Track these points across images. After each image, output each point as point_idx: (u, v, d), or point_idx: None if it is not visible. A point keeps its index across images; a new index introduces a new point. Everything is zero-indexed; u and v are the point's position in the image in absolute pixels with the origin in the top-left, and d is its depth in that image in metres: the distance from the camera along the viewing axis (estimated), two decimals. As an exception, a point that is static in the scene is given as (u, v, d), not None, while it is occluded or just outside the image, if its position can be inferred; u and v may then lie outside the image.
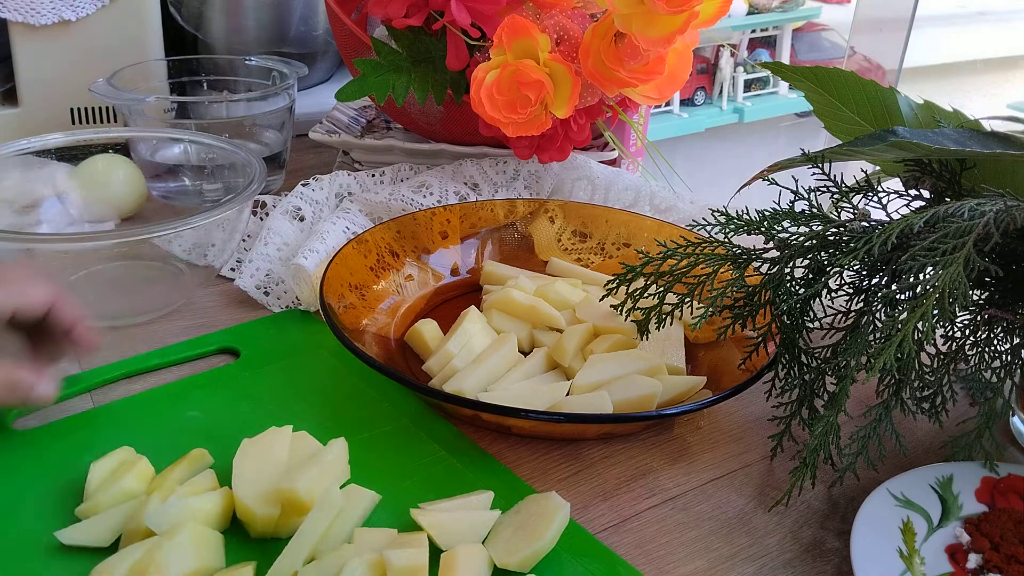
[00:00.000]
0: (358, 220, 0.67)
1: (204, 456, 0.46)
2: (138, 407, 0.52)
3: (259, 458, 0.44)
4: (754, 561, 0.44)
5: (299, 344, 0.59)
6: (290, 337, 0.59)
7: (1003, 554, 0.43)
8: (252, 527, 0.42)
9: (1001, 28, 2.43)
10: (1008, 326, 0.48)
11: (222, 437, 0.48)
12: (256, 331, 0.60)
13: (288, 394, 0.54)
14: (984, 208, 0.44)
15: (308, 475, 0.42)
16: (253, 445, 0.45)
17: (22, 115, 0.83)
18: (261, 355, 0.57)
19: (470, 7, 0.64)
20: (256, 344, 0.58)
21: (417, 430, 0.51)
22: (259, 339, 0.59)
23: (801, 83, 0.56)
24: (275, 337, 0.59)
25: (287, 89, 0.79)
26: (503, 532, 0.42)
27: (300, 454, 0.45)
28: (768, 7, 2.14)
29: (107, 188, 0.67)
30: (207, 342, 0.58)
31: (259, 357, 0.57)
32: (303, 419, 0.50)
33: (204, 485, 0.44)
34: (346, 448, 0.46)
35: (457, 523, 0.42)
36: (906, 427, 0.54)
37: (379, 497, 0.44)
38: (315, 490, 0.42)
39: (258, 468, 0.44)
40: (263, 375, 0.55)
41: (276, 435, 0.46)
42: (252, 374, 0.55)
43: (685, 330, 0.60)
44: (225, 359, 0.58)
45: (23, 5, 0.78)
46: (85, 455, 0.46)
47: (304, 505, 0.41)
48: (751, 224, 0.52)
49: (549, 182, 0.75)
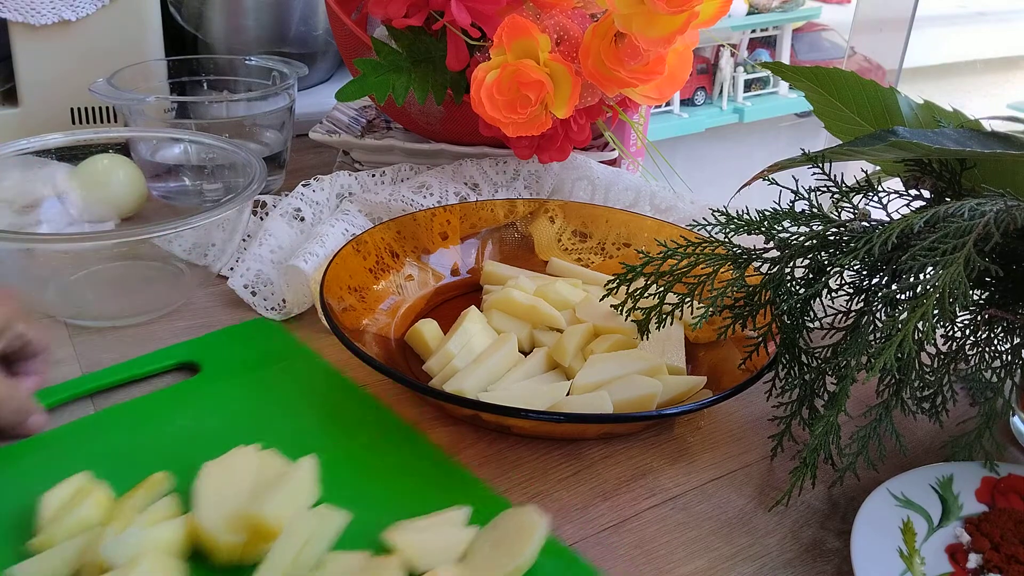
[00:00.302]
0: (357, 221, 0.67)
1: (164, 480, 0.44)
2: (95, 428, 0.50)
3: (223, 481, 0.42)
4: (754, 561, 0.44)
5: (262, 356, 0.57)
6: (253, 349, 0.57)
7: (1003, 554, 0.43)
8: (216, 555, 0.40)
9: (1001, 28, 2.43)
10: (1008, 326, 0.48)
11: (185, 457, 0.45)
12: (217, 343, 0.58)
13: (253, 409, 0.52)
14: (984, 208, 0.44)
15: (276, 499, 0.40)
16: (216, 467, 0.43)
17: (22, 115, 0.83)
18: (223, 369, 0.55)
19: (470, 7, 0.64)
20: (217, 357, 0.56)
21: (387, 443, 0.49)
22: (220, 352, 0.57)
23: (801, 83, 0.56)
24: (237, 349, 0.57)
25: (287, 89, 0.79)
26: (480, 549, 0.41)
27: (267, 475, 0.43)
28: (768, 7, 2.14)
29: (107, 188, 0.67)
30: (166, 356, 0.56)
31: (221, 371, 0.55)
32: (269, 435, 0.48)
33: (165, 512, 0.42)
34: (316, 467, 0.44)
35: (432, 542, 0.41)
36: (906, 427, 0.54)
37: (350, 516, 0.42)
38: (283, 514, 0.40)
39: (222, 492, 0.42)
40: (226, 390, 0.53)
41: (241, 455, 0.44)
42: (214, 389, 0.53)
43: (685, 330, 0.60)
44: (185, 375, 0.55)
45: (23, 5, 0.78)
46: (37, 483, 0.43)
47: (272, 531, 0.39)
48: (751, 224, 0.52)
49: (549, 182, 0.75)
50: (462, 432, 0.52)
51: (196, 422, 0.50)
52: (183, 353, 0.57)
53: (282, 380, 0.54)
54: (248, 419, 0.51)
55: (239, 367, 0.55)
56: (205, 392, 0.53)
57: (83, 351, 0.57)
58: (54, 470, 0.44)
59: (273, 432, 0.49)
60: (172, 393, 0.53)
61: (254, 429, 0.50)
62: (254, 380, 0.54)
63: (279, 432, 0.50)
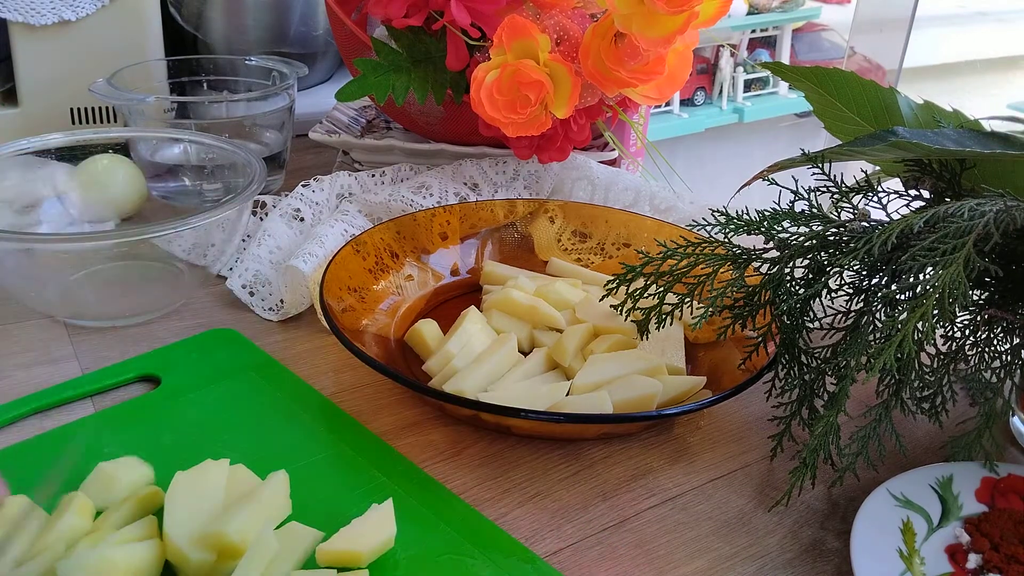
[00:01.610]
0: (357, 222, 0.67)
1: (156, 495, 0.42)
2: (50, 447, 0.47)
3: (193, 496, 0.41)
4: (754, 561, 0.44)
5: (225, 367, 0.55)
6: (215, 360, 0.55)
7: (1003, 554, 0.43)
8: (185, 573, 0.39)
9: (1001, 28, 2.43)
10: (1008, 326, 0.48)
11: None
12: (177, 355, 0.56)
13: (217, 423, 0.50)
14: (984, 208, 0.44)
15: (241, 516, 0.39)
16: (187, 480, 0.41)
17: (22, 115, 0.83)
18: (185, 381, 0.53)
19: (470, 7, 0.64)
20: (178, 370, 0.54)
21: (356, 455, 0.48)
22: (181, 364, 0.55)
23: (801, 83, 0.56)
24: (199, 361, 0.55)
25: (287, 89, 0.79)
26: None
27: (237, 490, 0.42)
28: (768, 7, 2.15)
29: (107, 188, 0.67)
30: (124, 370, 0.54)
31: (183, 384, 0.53)
32: (236, 450, 0.47)
33: (139, 532, 0.39)
34: (287, 481, 0.43)
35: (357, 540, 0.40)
36: (906, 427, 0.54)
37: (322, 535, 0.41)
38: (248, 532, 0.38)
39: (192, 507, 0.40)
40: (188, 404, 0.51)
41: (212, 469, 0.42)
42: (176, 403, 0.51)
43: (685, 330, 0.60)
44: (145, 387, 0.54)
45: (23, 5, 0.78)
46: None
47: (237, 549, 0.38)
48: (751, 224, 0.52)
49: (549, 182, 0.75)
50: (462, 432, 0.52)
51: (152, 438, 0.48)
52: (142, 366, 0.55)
53: (246, 392, 0.53)
54: (212, 433, 0.49)
55: (201, 379, 0.54)
56: (164, 406, 0.51)
57: (83, 351, 0.57)
58: (14, 488, 0.41)
59: (240, 446, 0.48)
60: (127, 409, 0.51)
61: (219, 443, 0.48)
62: (218, 392, 0.52)
63: (246, 446, 0.48)
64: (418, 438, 0.51)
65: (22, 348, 0.57)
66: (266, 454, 0.48)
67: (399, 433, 0.51)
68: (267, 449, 0.48)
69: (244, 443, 0.49)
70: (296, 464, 0.47)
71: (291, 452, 0.48)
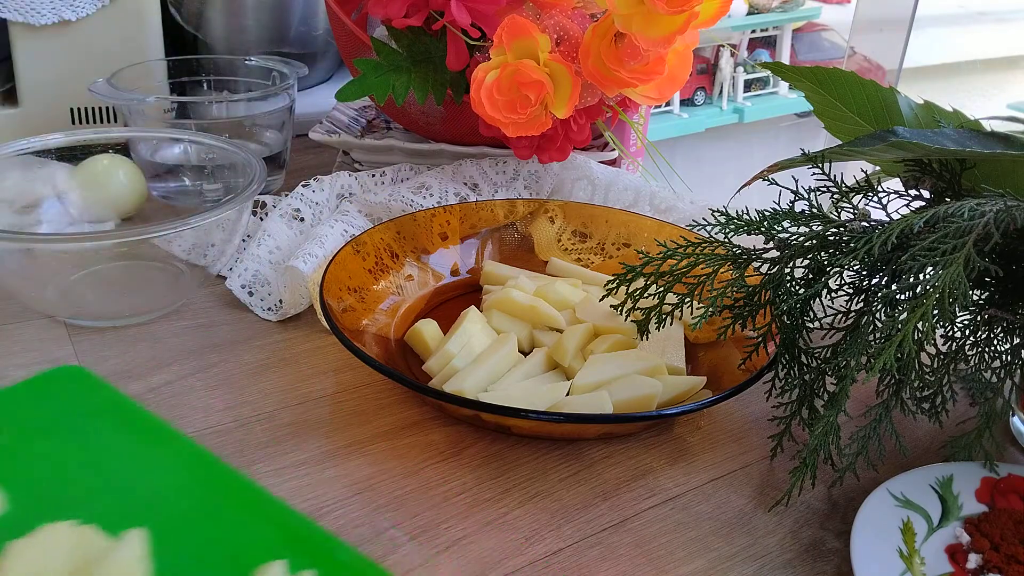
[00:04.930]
0: (356, 222, 0.67)
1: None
2: None
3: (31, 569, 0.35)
4: (754, 561, 0.44)
5: (68, 410, 0.47)
6: (56, 403, 0.48)
7: (1003, 554, 0.43)
8: None
9: (1001, 28, 2.43)
10: (1008, 326, 0.48)
11: None
12: (16, 399, 0.48)
13: (62, 477, 0.43)
14: (984, 208, 0.44)
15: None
16: (23, 550, 0.36)
17: (22, 115, 0.83)
18: (18, 431, 0.45)
19: (470, 7, 0.64)
20: (9, 417, 0.46)
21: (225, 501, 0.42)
22: (13, 410, 0.47)
23: (801, 83, 0.56)
24: (35, 405, 0.48)
25: (287, 89, 0.79)
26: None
27: (84, 557, 0.36)
28: (768, 7, 2.15)
29: (107, 188, 0.67)
30: None
31: (16, 433, 0.45)
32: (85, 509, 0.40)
33: None
34: (145, 541, 0.37)
35: None
36: (906, 427, 0.54)
37: None
38: None
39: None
40: (25, 457, 0.44)
41: (53, 535, 0.37)
42: (11, 456, 0.44)
43: (685, 330, 0.60)
44: None
45: (23, 5, 0.78)
46: None
47: None
48: (751, 224, 0.52)
49: (549, 182, 0.75)
50: (462, 432, 0.52)
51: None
52: None
53: (96, 438, 0.45)
54: (55, 489, 0.42)
55: (40, 427, 0.46)
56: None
57: (83, 351, 0.57)
58: None
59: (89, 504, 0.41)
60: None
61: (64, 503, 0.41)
62: (62, 442, 0.45)
63: (96, 502, 0.41)
64: (418, 438, 0.51)
65: (22, 348, 0.57)
66: (124, 510, 0.41)
67: (399, 433, 0.51)
68: (125, 503, 0.42)
69: (96, 498, 0.42)
70: (160, 520, 0.40)
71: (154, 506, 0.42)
